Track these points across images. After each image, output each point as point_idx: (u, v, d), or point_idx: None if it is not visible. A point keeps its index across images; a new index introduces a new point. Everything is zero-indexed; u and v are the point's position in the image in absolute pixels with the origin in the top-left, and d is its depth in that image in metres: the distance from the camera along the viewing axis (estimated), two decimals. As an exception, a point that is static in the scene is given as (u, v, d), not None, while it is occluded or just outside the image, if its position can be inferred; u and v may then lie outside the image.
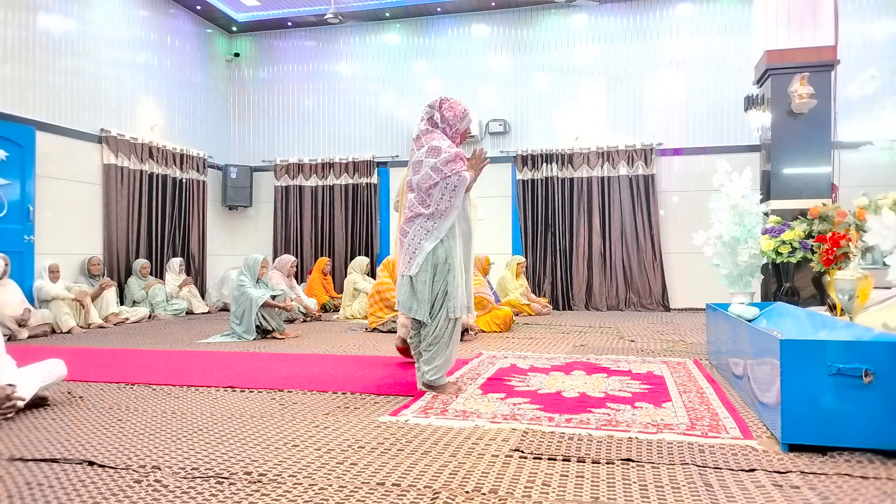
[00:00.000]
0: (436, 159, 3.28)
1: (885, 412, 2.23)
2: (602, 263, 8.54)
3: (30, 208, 6.44)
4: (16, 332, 5.66)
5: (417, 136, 3.44)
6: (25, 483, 2.09)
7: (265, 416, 2.91)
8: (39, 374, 3.12)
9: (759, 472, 2.12)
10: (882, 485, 2.01)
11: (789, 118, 5.78)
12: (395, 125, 9.44)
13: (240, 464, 2.25)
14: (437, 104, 3.45)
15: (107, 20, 7.66)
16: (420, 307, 3.30)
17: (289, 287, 7.09)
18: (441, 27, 9.32)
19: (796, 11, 5.81)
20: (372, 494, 1.97)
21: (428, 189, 3.28)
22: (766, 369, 2.60)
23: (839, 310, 3.32)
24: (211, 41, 9.61)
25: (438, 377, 3.35)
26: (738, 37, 8.24)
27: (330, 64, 9.72)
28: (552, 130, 8.88)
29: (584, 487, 2.02)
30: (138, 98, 8.13)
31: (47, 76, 6.83)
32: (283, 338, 5.73)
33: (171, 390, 3.51)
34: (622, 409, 2.98)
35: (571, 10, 8.81)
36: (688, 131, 8.49)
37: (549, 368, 4.05)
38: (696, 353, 4.71)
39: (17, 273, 6.14)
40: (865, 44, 7.70)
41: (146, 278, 7.68)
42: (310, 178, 9.56)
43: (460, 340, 4.22)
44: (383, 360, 4.44)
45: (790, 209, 5.47)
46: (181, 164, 8.61)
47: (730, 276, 4.96)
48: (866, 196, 4.17)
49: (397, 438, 2.54)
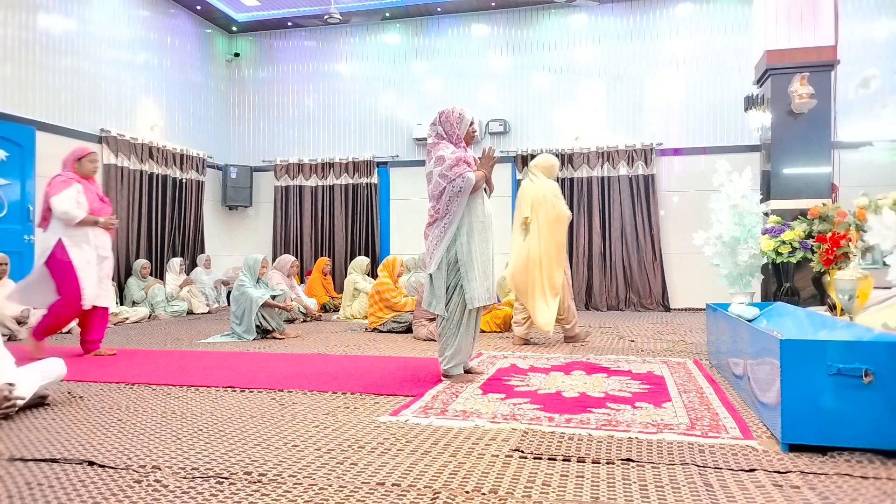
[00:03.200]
0: (441, 167, 3.55)
1: (885, 412, 2.23)
2: (602, 263, 8.53)
3: (30, 208, 6.44)
4: (16, 331, 5.66)
5: (428, 151, 3.71)
6: (25, 483, 2.09)
7: (265, 416, 2.91)
8: (39, 373, 3.12)
9: (759, 472, 2.12)
10: (882, 485, 2.01)
11: (789, 118, 5.78)
12: (395, 125, 9.43)
13: (240, 464, 2.25)
14: (436, 119, 3.74)
15: (107, 20, 7.66)
16: (438, 303, 3.59)
17: (289, 287, 7.08)
18: (441, 27, 9.32)
19: (796, 11, 5.81)
20: (372, 494, 1.97)
21: (439, 196, 3.56)
22: (766, 369, 2.60)
23: (839, 310, 3.32)
24: (211, 41, 9.61)
25: (450, 367, 3.65)
26: (738, 37, 8.24)
27: (330, 64, 9.72)
28: (552, 130, 8.87)
29: (584, 487, 2.02)
30: (138, 98, 8.13)
31: (47, 76, 6.83)
32: (283, 338, 5.73)
33: (171, 390, 3.51)
34: (622, 409, 2.98)
35: (571, 10, 8.81)
36: (688, 131, 8.49)
37: (549, 368, 4.05)
38: (696, 353, 4.71)
39: (18, 273, 6.13)
40: (865, 44, 7.70)
41: (146, 278, 7.68)
42: (310, 178, 9.56)
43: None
44: (383, 360, 4.44)
45: (790, 209, 5.47)
46: (181, 165, 8.61)
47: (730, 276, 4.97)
48: (866, 196, 4.17)
49: (397, 438, 2.54)
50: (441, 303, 3.58)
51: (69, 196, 4.47)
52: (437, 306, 3.60)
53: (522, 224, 5.01)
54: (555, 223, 5.00)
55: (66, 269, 4.46)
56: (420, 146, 9.19)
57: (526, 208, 5.01)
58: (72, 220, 4.45)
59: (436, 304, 3.60)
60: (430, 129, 3.77)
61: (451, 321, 3.60)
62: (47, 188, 4.53)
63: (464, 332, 3.62)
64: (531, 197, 5.02)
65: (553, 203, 5.01)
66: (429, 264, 3.65)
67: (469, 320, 3.64)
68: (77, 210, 4.48)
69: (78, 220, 4.47)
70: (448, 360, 3.65)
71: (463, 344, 3.65)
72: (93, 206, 4.58)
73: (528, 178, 5.21)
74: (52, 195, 4.47)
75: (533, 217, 4.98)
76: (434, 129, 3.74)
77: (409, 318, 5.99)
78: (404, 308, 6.08)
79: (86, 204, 4.54)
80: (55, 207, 4.45)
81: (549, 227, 4.97)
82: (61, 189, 4.47)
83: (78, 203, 4.50)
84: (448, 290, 3.58)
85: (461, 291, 3.57)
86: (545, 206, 4.97)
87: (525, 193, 5.09)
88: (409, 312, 6.04)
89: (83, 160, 4.64)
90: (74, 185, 4.52)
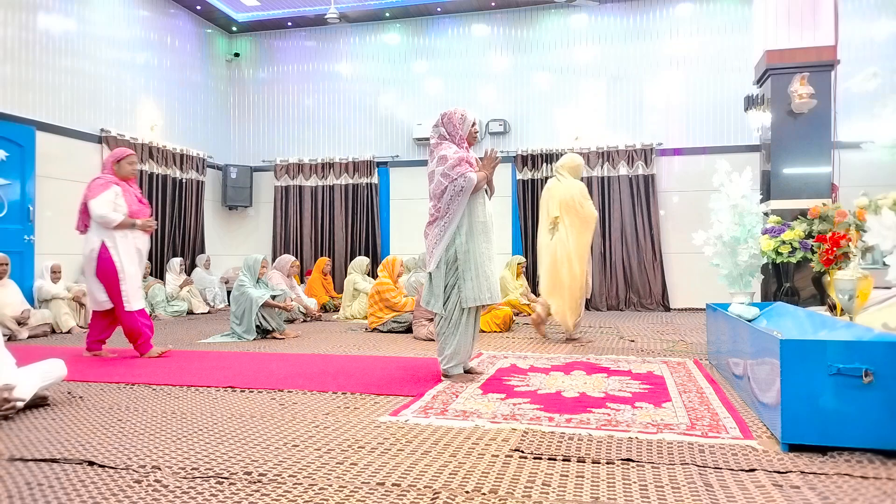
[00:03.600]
0: (444, 166, 3.59)
1: (885, 412, 2.23)
2: (602, 263, 8.53)
3: (30, 208, 6.43)
4: (16, 331, 5.66)
5: (430, 151, 3.76)
6: (25, 483, 2.09)
7: (265, 416, 2.91)
8: (39, 374, 3.11)
9: (759, 472, 2.12)
10: (882, 485, 2.01)
11: (789, 118, 5.78)
12: (395, 125, 9.43)
13: (240, 464, 2.25)
14: (439, 121, 3.79)
15: (107, 20, 7.66)
16: (436, 301, 3.63)
17: (289, 287, 7.08)
18: (441, 27, 9.32)
19: (796, 11, 5.81)
20: (372, 494, 1.97)
21: (440, 195, 3.59)
22: (766, 369, 2.60)
23: (839, 310, 3.32)
24: (211, 41, 9.61)
25: (450, 366, 3.68)
26: (738, 37, 8.24)
27: (330, 64, 9.71)
28: (552, 130, 8.87)
29: (584, 487, 2.02)
30: (138, 98, 8.13)
31: (47, 76, 6.83)
32: (283, 338, 5.73)
33: (171, 390, 3.51)
34: (622, 409, 2.98)
35: (571, 10, 8.81)
36: (688, 131, 8.49)
37: (549, 368, 4.06)
38: (696, 353, 4.71)
39: (17, 273, 6.14)
40: (865, 44, 7.70)
41: (146, 279, 7.67)
42: (310, 178, 9.56)
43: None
44: (383, 360, 4.44)
45: (790, 209, 5.47)
46: (181, 165, 8.61)
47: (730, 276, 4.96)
48: (866, 196, 4.17)
49: (397, 438, 2.54)
50: (439, 301, 3.62)
51: (107, 199, 4.47)
52: (436, 305, 3.64)
53: (552, 224, 5.08)
54: (582, 224, 5.08)
55: (113, 272, 4.49)
56: (420, 146, 9.19)
57: (554, 208, 5.08)
58: (109, 224, 4.45)
59: (434, 302, 3.65)
60: (433, 130, 3.82)
61: (449, 320, 3.64)
62: (86, 191, 4.54)
63: (463, 331, 3.64)
64: (559, 197, 5.10)
65: (581, 203, 5.08)
66: (428, 263, 3.70)
67: (468, 320, 3.66)
68: (114, 213, 4.47)
69: (116, 224, 4.47)
70: (447, 359, 3.68)
71: (462, 344, 3.67)
72: (132, 208, 4.58)
73: (554, 177, 5.28)
74: (90, 198, 4.47)
75: (561, 217, 5.06)
76: (437, 129, 3.78)
77: (409, 318, 5.99)
78: (404, 308, 6.08)
79: (124, 206, 4.54)
80: (93, 211, 4.45)
81: (577, 227, 5.05)
82: (99, 192, 4.47)
83: (116, 206, 4.50)
84: (446, 289, 3.62)
85: (455, 290, 3.61)
86: (573, 206, 5.06)
87: (553, 193, 5.15)
88: (409, 312, 6.04)
89: (122, 162, 4.64)
90: (112, 188, 4.52)
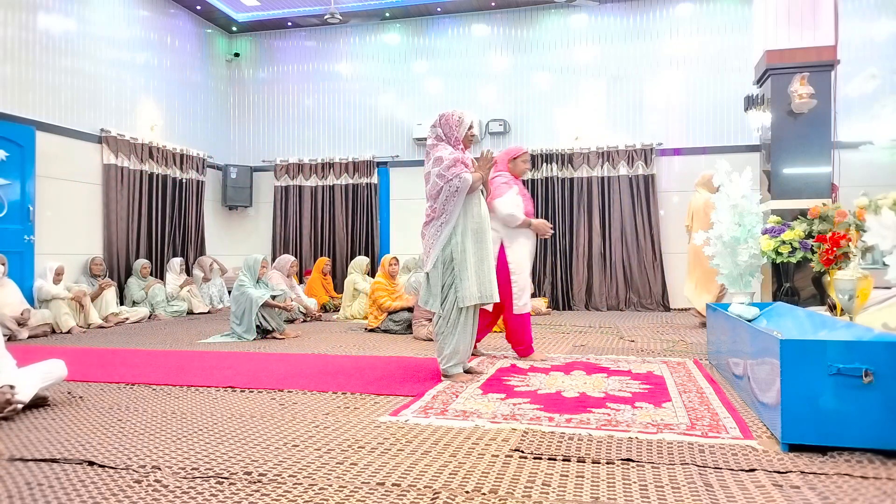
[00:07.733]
0: (439, 167, 3.62)
1: (885, 412, 2.23)
2: (602, 263, 8.53)
3: (30, 208, 6.43)
4: (16, 331, 5.66)
5: (427, 152, 3.77)
6: (25, 483, 2.09)
7: (265, 416, 2.91)
8: (39, 374, 3.11)
9: (759, 472, 2.12)
10: (882, 485, 2.01)
11: (789, 118, 5.77)
12: (395, 125, 9.43)
13: (240, 464, 2.25)
14: (436, 122, 3.80)
15: (107, 20, 7.66)
16: (434, 300, 3.66)
17: (289, 287, 7.09)
18: (441, 27, 9.32)
19: (796, 11, 5.80)
20: (372, 494, 1.97)
21: (436, 195, 3.62)
22: (766, 369, 2.60)
23: (839, 310, 3.32)
24: (211, 41, 9.61)
25: (450, 366, 3.68)
26: (738, 37, 8.24)
27: (330, 64, 9.71)
28: (552, 130, 8.87)
29: (584, 487, 2.02)
30: (138, 98, 8.13)
31: (47, 76, 6.83)
32: (283, 338, 5.73)
33: (171, 390, 3.51)
34: (622, 409, 2.98)
35: (571, 10, 8.81)
36: (688, 131, 8.49)
37: (549, 368, 4.05)
38: (696, 353, 4.71)
39: (17, 273, 6.14)
40: (865, 44, 7.69)
41: (146, 278, 7.67)
42: (310, 178, 9.56)
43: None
44: (383, 360, 4.44)
45: (790, 209, 5.46)
46: (181, 165, 8.61)
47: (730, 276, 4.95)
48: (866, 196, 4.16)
49: (397, 438, 2.54)
50: (437, 301, 3.65)
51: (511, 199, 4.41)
52: (434, 304, 3.67)
53: (686, 230, 6.53)
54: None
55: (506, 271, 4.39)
56: (420, 146, 9.19)
57: (687, 217, 6.54)
58: (513, 222, 4.39)
59: (432, 301, 3.68)
60: (430, 130, 3.83)
61: (447, 320, 3.66)
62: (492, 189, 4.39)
63: (461, 331, 3.65)
64: (692, 209, 6.42)
65: (706, 213, 5.92)
66: (425, 263, 3.72)
67: (466, 319, 3.67)
68: (518, 211, 4.41)
69: (519, 223, 4.40)
70: (447, 359, 3.69)
71: (461, 343, 3.68)
72: (526, 207, 4.52)
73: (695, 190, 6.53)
74: (495, 197, 4.38)
75: (694, 225, 6.22)
76: (434, 130, 3.80)
77: (406, 316, 6.00)
78: (391, 308, 6.08)
79: (522, 205, 4.47)
80: (499, 210, 4.35)
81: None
82: (504, 191, 4.41)
83: (517, 205, 4.43)
84: (444, 289, 3.64)
85: (453, 290, 3.64)
86: (699, 215, 6.23)
87: (690, 205, 6.55)
88: (404, 310, 6.05)
89: (517, 160, 4.57)
90: (514, 187, 4.47)
